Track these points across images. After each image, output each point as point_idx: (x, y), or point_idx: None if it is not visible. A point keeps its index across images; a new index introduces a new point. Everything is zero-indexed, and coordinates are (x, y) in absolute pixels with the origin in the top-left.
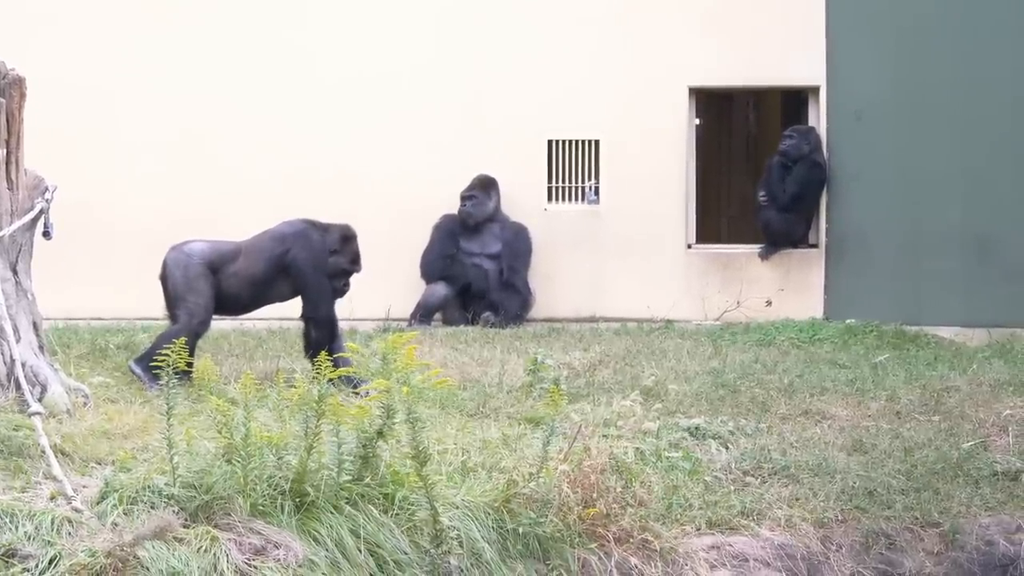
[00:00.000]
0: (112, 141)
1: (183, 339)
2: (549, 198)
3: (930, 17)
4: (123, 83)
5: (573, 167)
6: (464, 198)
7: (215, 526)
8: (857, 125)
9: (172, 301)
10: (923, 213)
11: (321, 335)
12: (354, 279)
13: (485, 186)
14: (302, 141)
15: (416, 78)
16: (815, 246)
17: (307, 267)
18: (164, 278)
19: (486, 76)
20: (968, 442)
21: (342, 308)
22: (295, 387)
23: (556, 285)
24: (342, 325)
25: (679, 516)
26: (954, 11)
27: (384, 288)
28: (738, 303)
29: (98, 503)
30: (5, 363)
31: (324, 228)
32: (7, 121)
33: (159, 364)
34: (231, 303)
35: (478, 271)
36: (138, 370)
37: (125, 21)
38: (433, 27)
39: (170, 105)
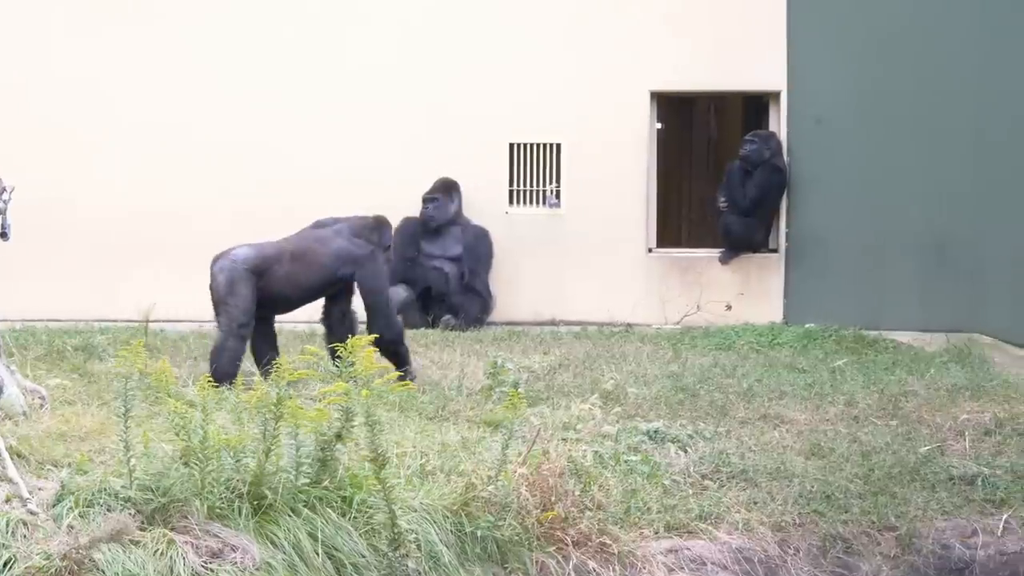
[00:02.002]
0: (70, 141)
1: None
2: (511, 201)
3: (891, 23)
4: (77, 82)
5: (535, 170)
6: (426, 200)
7: (172, 529)
8: (817, 130)
9: (215, 307)
10: (882, 218)
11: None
12: None
13: (447, 189)
14: (264, 142)
15: (379, 80)
16: (775, 251)
17: (379, 288)
18: (211, 285)
19: (449, 79)
20: (925, 446)
21: (301, 311)
22: (253, 390)
23: (517, 288)
24: (301, 328)
25: (637, 520)
26: (914, 17)
27: None
28: (698, 307)
29: (54, 506)
30: None
31: (377, 229)
32: None
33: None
34: (279, 303)
35: (439, 274)
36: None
37: (84, 18)
38: (396, 30)
39: (126, 106)
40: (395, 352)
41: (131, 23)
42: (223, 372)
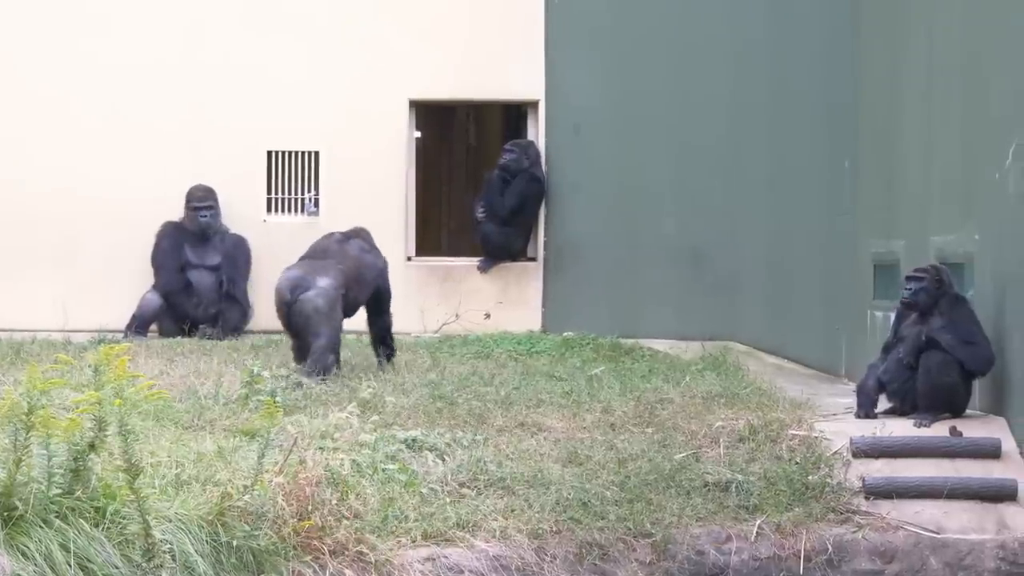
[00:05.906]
0: None
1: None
2: (269, 209)
3: (647, 32)
4: None
5: (293, 178)
6: (200, 209)
7: None
8: (575, 139)
9: (313, 325)
10: (638, 226)
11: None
12: (71, 288)
13: (214, 196)
14: (14, 145)
15: (135, 84)
16: (534, 259)
17: (389, 287)
18: (290, 307)
19: (206, 85)
20: (680, 453)
21: (57, 319)
22: (3, 399)
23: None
24: (57, 336)
25: (395, 528)
26: (670, 27)
27: (100, 298)
28: (457, 316)
29: None
30: None
31: (370, 237)
32: None
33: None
34: None
35: (198, 282)
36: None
37: None
38: (153, 33)
39: None
40: (390, 338)
41: None
42: (328, 368)
